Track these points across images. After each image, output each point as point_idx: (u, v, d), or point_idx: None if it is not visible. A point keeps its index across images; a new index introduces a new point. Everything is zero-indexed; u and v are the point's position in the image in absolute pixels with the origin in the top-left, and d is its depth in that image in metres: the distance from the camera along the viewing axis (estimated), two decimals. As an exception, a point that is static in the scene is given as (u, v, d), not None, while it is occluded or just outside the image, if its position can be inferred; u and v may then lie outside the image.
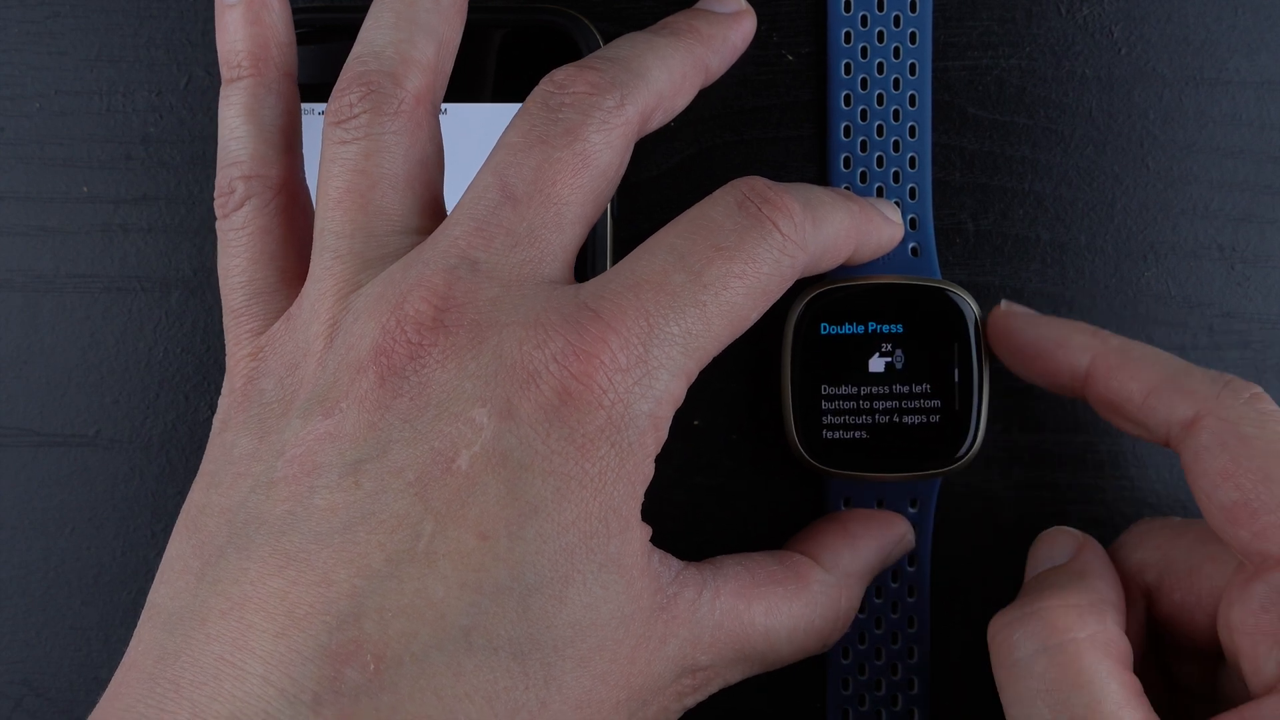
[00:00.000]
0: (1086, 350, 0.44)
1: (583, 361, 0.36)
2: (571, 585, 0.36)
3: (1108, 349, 0.44)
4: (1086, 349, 0.44)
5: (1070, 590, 0.41)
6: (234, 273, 0.42)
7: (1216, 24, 0.49)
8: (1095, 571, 0.42)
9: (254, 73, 0.43)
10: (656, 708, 0.39)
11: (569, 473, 0.36)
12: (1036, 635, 0.40)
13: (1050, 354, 0.45)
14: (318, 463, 0.36)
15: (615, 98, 0.40)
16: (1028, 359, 0.46)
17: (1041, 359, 0.45)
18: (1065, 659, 0.39)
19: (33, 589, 0.50)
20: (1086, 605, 0.40)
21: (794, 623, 0.42)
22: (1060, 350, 0.45)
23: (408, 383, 0.36)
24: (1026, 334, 0.46)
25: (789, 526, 0.48)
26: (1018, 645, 0.40)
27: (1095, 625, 0.40)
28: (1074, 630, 0.39)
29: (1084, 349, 0.44)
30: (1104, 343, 0.44)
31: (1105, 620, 0.40)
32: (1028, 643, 0.40)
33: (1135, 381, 0.43)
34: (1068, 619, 0.39)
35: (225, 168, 0.43)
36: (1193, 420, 0.41)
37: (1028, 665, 0.39)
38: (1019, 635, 0.40)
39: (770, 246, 0.39)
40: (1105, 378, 0.43)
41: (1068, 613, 0.40)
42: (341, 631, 0.34)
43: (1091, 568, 0.42)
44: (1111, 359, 0.43)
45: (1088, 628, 0.39)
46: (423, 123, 0.41)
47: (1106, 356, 0.44)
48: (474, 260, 0.38)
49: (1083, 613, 0.40)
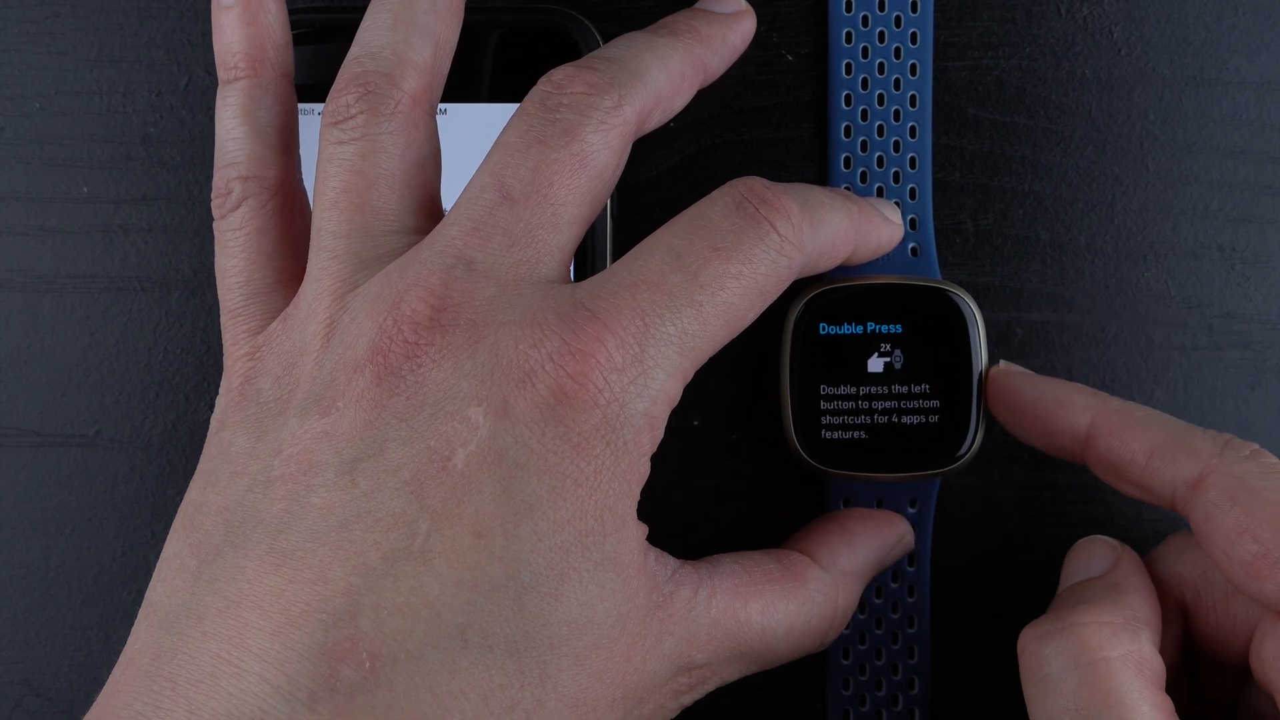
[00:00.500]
0: (1087, 410, 0.44)
1: (578, 361, 0.36)
2: (567, 583, 0.36)
3: (1108, 409, 0.43)
4: (1087, 409, 0.44)
5: (1104, 606, 0.40)
6: (231, 273, 0.42)
7: (1216, 24, 0.49)
8: (1131, 586, 0.42)
9: (250, 74, 0.43)
10: (653, 706, 0.39)
11: (564, 471, 0.36)
12: (1068, 652, 0.39)
13: (1050, 414, 0.44)
14: (314, 461, 0.36)
15: (613, 98, 0.40)
16: (1027, 420, 0.45)
17: (1041, 420, 0.45)
18: (1096, 678, 0.38)
19: (33, 589, 0.50)
20: (1121, 623, 0.39)
21: (791, 621, 0.42)
22: (1060, 410, 0.44)
23: (404, 382, 0.36)
24: (1026, 394, 0.45)
25: (788, 526, 0.48)
26: (1048, 661, 0.39)
27: (1129, 644, 0.39)
28: (1106, 649, 0.39)
29: (1084, 409, 0.44)
30: (1104, 403, 0.44)
31: (1139, 639, 0.39)
32: (1059, 659, 0.39)
33: (1137, 442, 0.42)
34: (1100, 636, 0.39)
35: (222, 169, 0.43)
36: (1198, 479, 0.40)
37: (1058, 682, 0.39)
38: (1050, 651, 0.39)
39: (767, 247, 0.39)
40: (1106, 438, 0.43)
41: (1101, 630, 0.39)
42: (337, 629, 0.34)
43: (1128, 582, 0.42)
44: (1112, 419, 0.43)
45: (1121, 646, 0.39)
46: (420, 123, 0.41)
47: (1107, 417, 0.43)
48: (471, 260, 0.38)
49: (1116, 630, 0.39)
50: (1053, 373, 0.49)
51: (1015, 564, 0.49)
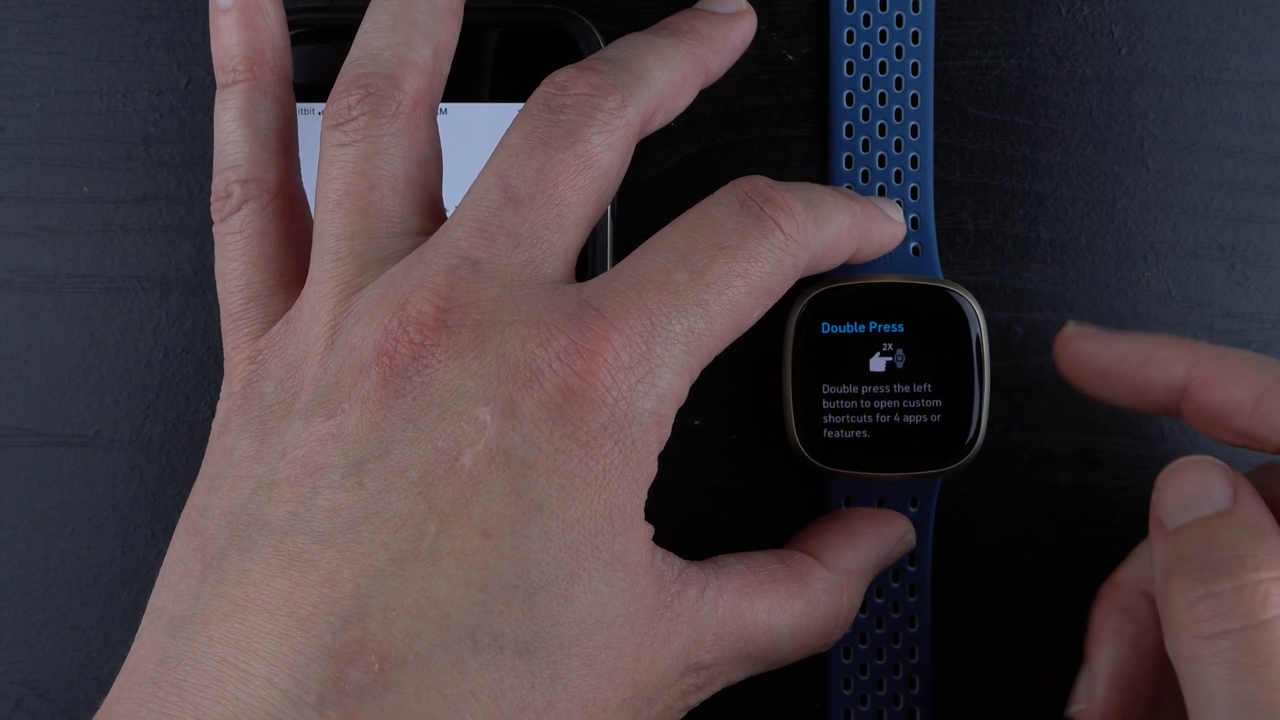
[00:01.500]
0: (1179, 361, 0.42)
1: (586, 360, 0.36)
2: (577, 583, 0.36)
3: (1202, 358, 0.41)
4: (1178, 360, 0.42)
5: (1266, 555, 0.38)
6: (231, 276, 0.42)
7: (1217, 24, 0.50)
8: (1268, 524, 0.39)
9: (249, 77, 0.43)
10: (661, 706, 0.39)
11: (573, 471, 0.36)
12: (1246, 612, 0.37)
13: (1137, 372, 0.43)
14: (320, 463, 0.36)
15: (617, 99, 0.40)
16: (1112, 382, 0.43)
17: (1129, 378, 0.43)
18: (1271, 638, 0.37)
19: (33, 589, 0.50)
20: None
21: (796, 621, 0.42)
22: (1149, 366, 0.42)
23: (410, 383, 0.36)
24: (1104, 356, 0.43)
25: (790, 526, 0.48)
26: (1221, 619, 0.38)
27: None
28: (1276, 607, 0.37)
29: (1176, 360, 0.42)
30: (1196, 352, 0.42)
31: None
32: (1234, 618, 0.37)
33: (1241, 389, 0.40)
34: (1270, 594, 0.37)
35: (221, 172, 0.43)
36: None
37: (1234, 642, 0.37)
38: (1227, 609, 0.38)
39: (772, 245, 0.39)
40: (1207, 389, 0.41)
41: (1275, 585, 0.37)
42: (345, 631, 0.34)
43: (1263, 521, 0.39)
44: (1209, 367, 0.41)
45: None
46: (421, 124, 0.41)
47: (1203, 365, 0.41)
48: (476, 260, 0.38)
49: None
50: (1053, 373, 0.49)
51: (1016, 563, 0.49)
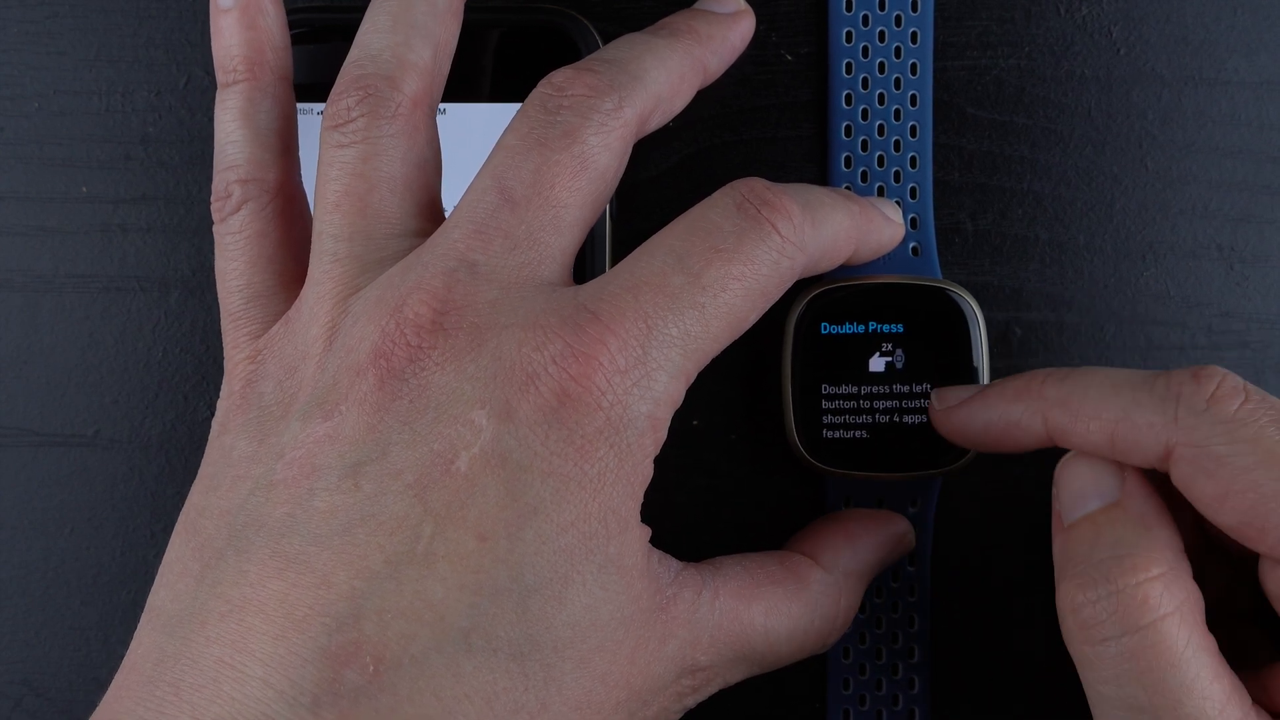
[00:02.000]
0: (1036, 417, 0.42)
1: (581, 363, 0.36)
2: (571, 586, 0.36)
3: (1052, 408, 0.41)
4: (1034, 416, 0.42)
5: (1147, 554, 0.39)
6: (231, 276, 0.42)
7: (1215, 24, 0.49)
8: (1155, 518, 0.40)
9: (249, 77, 0.43)
10: (656, 708, 0.39)
11: (568, 474, 0.36)
12: (1126, 617, 0.38)
13: (1007, 439, 0.43)
14: (317, 465, 0.36)
15: (613, 100, 0.40)
16: (989, 447, 0.44)
17: (1001, 444, 0.43)
18: (1157, 638, 0.38)
19: (33, 589, 0.50)
20: (1167, 571, 0.38)
21: (794, 623, 0.42)
22: (1014, 432, 0.43)
23: (407, 385, 0.36)
24: (974, 429, 0.44)
25: (789, 526, 0.48)
26: (1105, 626, 0.38)
27: (1180, 592, 0.38)
28: (1164, 606, 0.38)
29: (1032, 418, 0.42)
30: (1047, 403, 0.42)
31: (1185, 581, 0.38)
32: (1116, 624, 0.38)
33: (1093, 434, 0.41)
34: (1157, 595, 0.38)
35: (221, 172, 0.43)
36: (1164, 455, 0.39)
37: (1118, 647, 0.38)
38: (1105, 616, 0.38)
39: (769, 248, 0.39)
40: (1065, 438, 0.42)
41: (1155, 587, 0.38)
42: (341, 633, 0.34)
43: (1150, 513, 0.40)
44: (1060, 417, 0.41)
45: (1174, 598, 0.38)
46: (420, 125, 0.41)
47: (1055, 415, 0.41)
48: (473, 263, 0.38)
49: (1168, 583, 0.38)
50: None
51: (1015, 564, 0.49)
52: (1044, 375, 0.42)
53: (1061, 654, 0.48)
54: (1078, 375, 0.42)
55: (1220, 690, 0.38)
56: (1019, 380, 0.43)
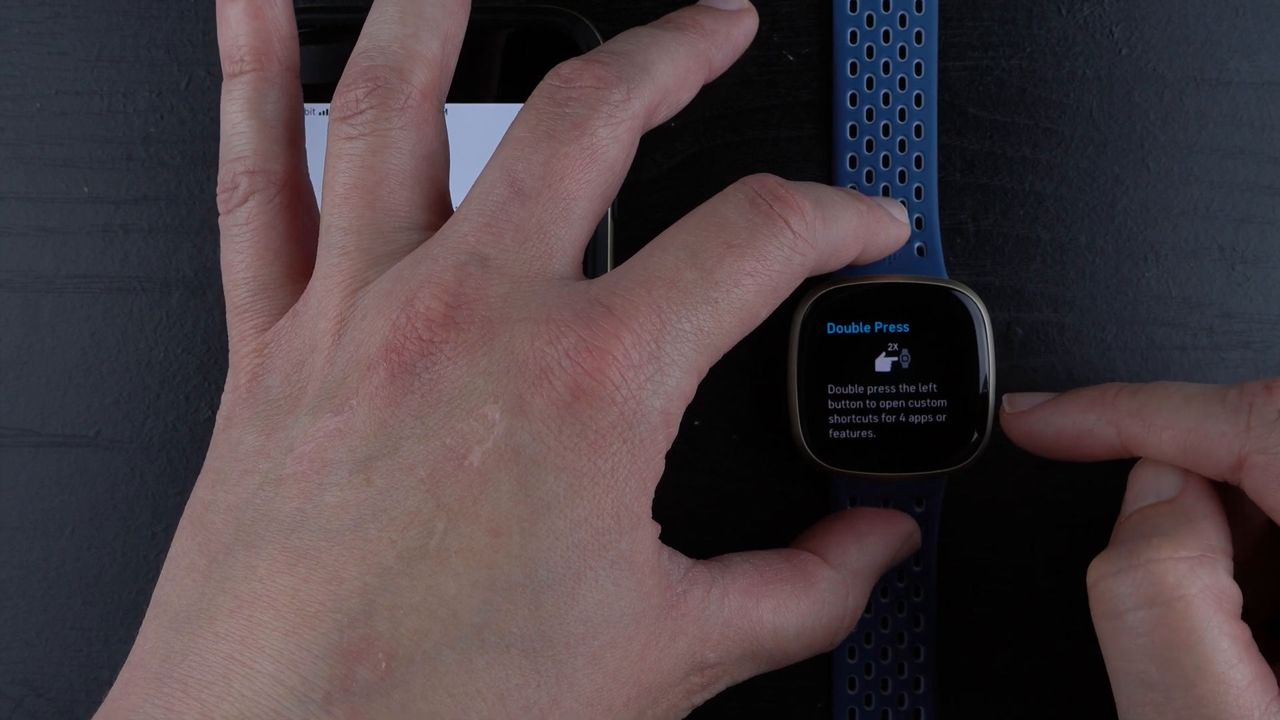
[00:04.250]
0: (1108, 427, 0.42)
1: (596, 357, 0.36)
2: (584, 582, 0.36)
3: (1126, 420, 0.42)
4: (1108, 425, 0.42)
5: (1180, 538, 0.39)
6: (237, 269, 0.42)
7: (1217, 24, 0.50)
8: (1203, 512, 0.40)
9: (256, 67, 0.43)
10: (666, 705, 0.39)
11: (582, 469, 0.36)
12: (1145, 591, 0.38)
13: (1079, 447, 0.43)
14: (328, 459, 0.36)
15: (622, 92, 0.40)
16: (1060, 455, 0.44)
17: (1073, 453, 0.44)
18: (1175, 617, 0.38)
19: (33, 589, 0.50)
20: (1197, 556, 0.38)
21: (802, 621, 0.42)
22: (1087, 441, 0.43)
23: (419, 379, 0.36)
24: (1045, 434, 0.44)
25: (794, 526, 0.48)
26: (1123, 599, 0.39)
27: (1207, 578, 0.38)
28: (1185, 586, 0.38)
29: (1106, 426, 0.42)
30: (1120, 414, 0.42)
31: (1216, 570, 0.38)
32: (1134, 597, 0.38)
33: (1167, 445, 0.41)
34: (1178, 573, 0.38)
35: (228, 163, 0.42)
36: (1238, 464, 0.39)
37: (1134, 621, 0.38)
38: (1125, 588, 0.39)
39: (781, 244, 0.39)
40: (1138, 449, 0.42)
41: (1178, 566, 0.38)
42: (353, 629, 0.34)
43: (1199, 507, 0.41)
44: (1134, 426, 0.42)
45: (1200, 581, 0.38)
46: (429, 118, 0.41)
47: (1129, 425, 0.42)
48: (484, 256, 0.38)
49: (1194, 565, 0.38)
50: (1053, 373, 0.49)
51: (1021, 563, 0.49)
52: (1117, 387, 0.43)
53: (1066, 653, 0.49)
54: (1150, 388, 0.42)
55: (1241, 676, 0.37)
56: (1092, 391, 0.43)
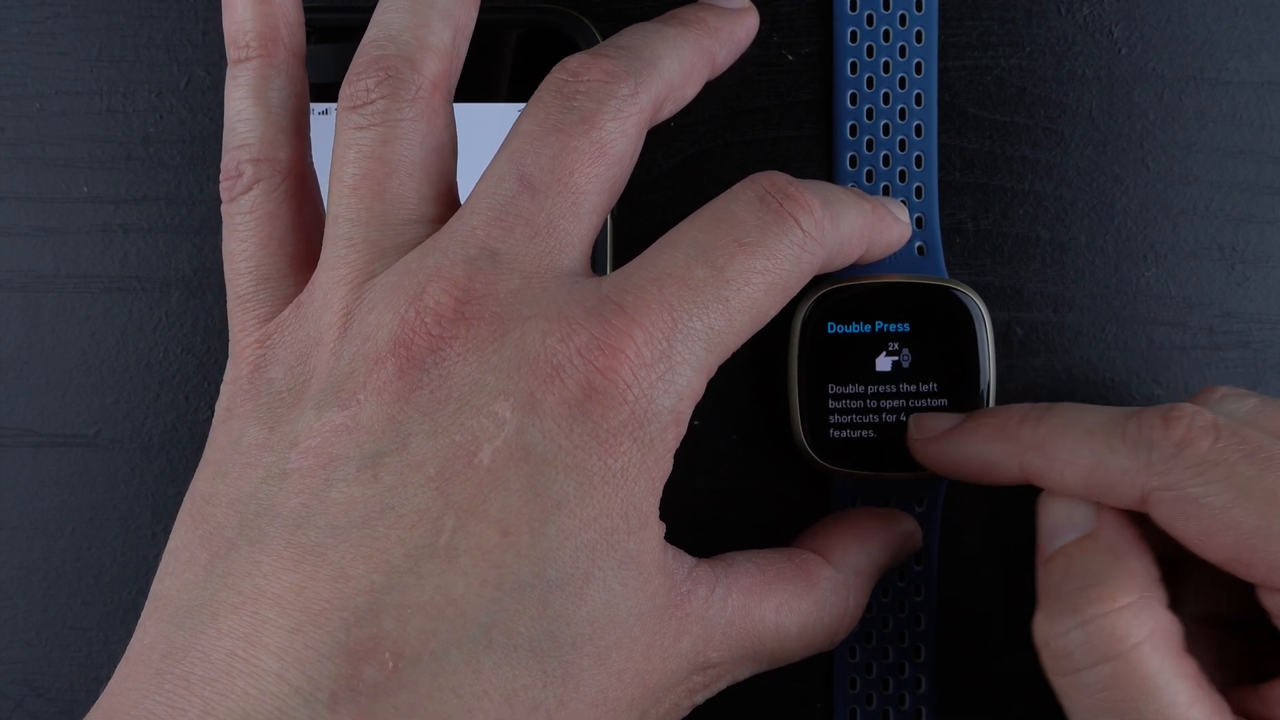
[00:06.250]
0: (1011, 460, 0.42)
1: (608, 356, 0.36)
2: (592, 582, 0.35)
3: (1026, 449, 0.42)
4: (1010, 459, 0.42)
5: (1116, 584, 0.39)
6: (240, 257, 0.41)
7: (1217, 24, 0.50)
8: (1127, 547, 0.41)
9: (262, 54, 0.42)
10: (669, 705, 0.39)
11: (592, 468, 0.35)
12: (1098, 648, 0.39)
13: (983, 475, 0.44)
14: (334, 455, 0.36)
15: (629, 86, 0.40)
16: (967, 479, 0.44)
17: (977, 479, 0.44)
18: (1129, 669, 0.38)
19: (33, 589, 0.50)
20: (1137, 600, 0.39)
21: (804, 620, 0.42)
22: (990, 471, 0.43)
23: (428, 375, 0.36)
24: (953, 463, 0.44)
25: (794, 526, 0.47)
26: (1076, 657, 0.39)
27: (1150, 621, 0.39)
28: (1134, 634, 0.38)
29: (1008, 460, 0.42)
30: (1020, 443, 0.42)
31: (1156, 610, 0.39)
32: (1087, 655, 0.39)
33: (1069, 480, 0.41)
34: (1125, 624, 0.39)
35: (232, 150, 0.42)
36: (1141, 499, 0.40)
37: (1091, 678, 0.39)
38: (1076, 647, 0.39)
39: (791, 243, 0.39)
40: (1040, 480, 0.42)
41: (1123, 617, 0.39)
42: (359, 628, 0.33)
43: (1122, 541, 0.41)
44: (1036, 462, 0.42)
45: (1145, 626, 0.38)
46: (439, 109, 0.41)
47: (1030, 460, 0.42)
48: (494, 251, 0.37)
49: (1137, 612, 0.39)
50: (1053, 373, 0.49)
51: (1021, 563, 0.49)
52: (1021, 414, 0.43)
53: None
54: (1053, 416, 0.42)
55: (1200, 714, 0.38)
56: (996, 417, 0.43)
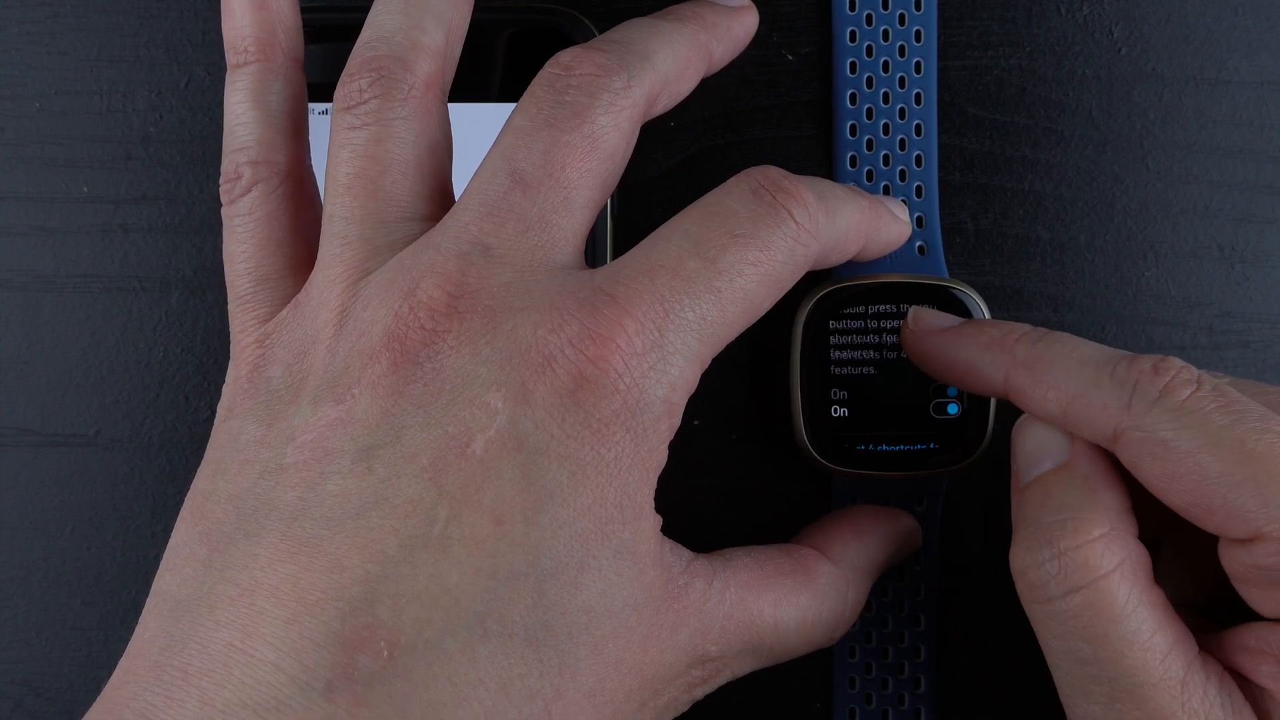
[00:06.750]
0: (999, 370, 0.42)
1: (599, 346, 0.36)
2: (586, 571, 0.36)
3: (1017, 366, 0.42)
4: (998, 369, 0.43)
5: (1089, 517, 0.40)
6: (240, 259, 0.42)
7: (1216, 24, 0.50)
8: (1100, 479, 0.41)
9: (260, 58, 0.43)
10: (667, 698, 0.39)
11: (584, 458, 0.36)
12: (1070, 578, 0.39)
13: (966, 378, 0.44)
14: (329, 448, 0.36)
15: (622, 79, 0.40)
16: (947, 379, 0.45)
17: (959, 381, 0.44)
18: (1098, 596, 0.39)
19: (33, 589, 0.50)
20: (1109, 532, 0.39)
21: (802, 615, 0.42)
22: (976, 375, 0.43)
23: (421, 369, 0.36)
24: (939, 359, 0.44)
25: (795, 526, 0.47)
26: (1049, 587, 0.40)
27: (1120, 551, 0.39)
28: (1104, 564, 0.39)
29: (996, 370, 0.43)
30: (1013, 358, 0.42)
31: (1127, 541, 0.40)
32: (1060, 585, 0.39)
33: (1049, 401, 0.41)
34: (1096, 555, 0.39)
35: (231, 153, 0.42)
36: (1113, 436, 0.40)
37: (1064, 606, 0.39)
38: (1049, 578, 0.40)
39: (785, 234, 0.39)
40: (1020, 397, 0.42)
41: (1095, 548, 0.39)
42: (354, 618, 0.33)
43: (1096, 475, 0.41)
44: (1022, 378, 0.42)
45: (1114, 556, 0.39)
46: (432, 109, 0.41)
47: (1017, 376, 0.42)
48: (486, 246, 0.38)
49: (1109, 543, 0.39)
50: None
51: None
52: (1020, 331, 0.43)
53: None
54: (1049, 341, 0.42)
55: (1163, 641, 0.39)
56: (996, 329, 0.43)
